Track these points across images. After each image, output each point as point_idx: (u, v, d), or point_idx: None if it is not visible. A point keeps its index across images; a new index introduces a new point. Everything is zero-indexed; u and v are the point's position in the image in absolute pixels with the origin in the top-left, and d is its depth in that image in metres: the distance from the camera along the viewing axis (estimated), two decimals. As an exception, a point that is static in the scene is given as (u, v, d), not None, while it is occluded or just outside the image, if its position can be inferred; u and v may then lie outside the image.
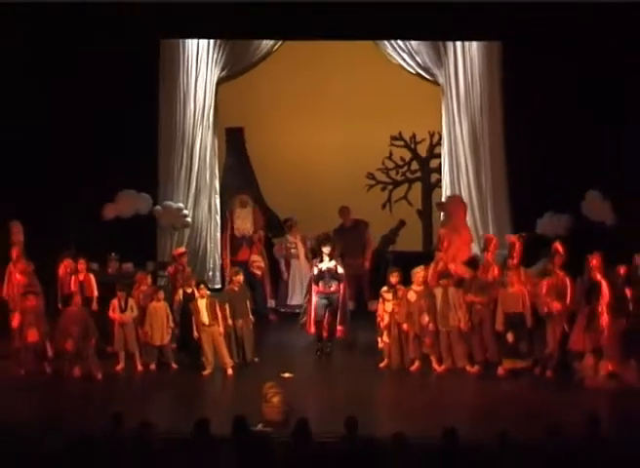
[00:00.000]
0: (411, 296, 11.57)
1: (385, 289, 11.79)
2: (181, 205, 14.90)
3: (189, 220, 14.98)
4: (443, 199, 14.90)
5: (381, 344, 11.74)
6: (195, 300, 11.60)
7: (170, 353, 11.66)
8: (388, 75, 15.29)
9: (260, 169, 16.21)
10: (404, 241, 15.12)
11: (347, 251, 12.75)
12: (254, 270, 13.38)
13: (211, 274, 15.13)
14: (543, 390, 10.74)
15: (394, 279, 11.73)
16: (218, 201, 15.40)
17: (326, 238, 12.12)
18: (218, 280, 14.86)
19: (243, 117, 15.95)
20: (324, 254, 12.00)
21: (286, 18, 13.39)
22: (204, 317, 11.47)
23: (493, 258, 12.04)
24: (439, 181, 15.66)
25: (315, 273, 12.05)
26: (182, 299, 11.77)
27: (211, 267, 15.25)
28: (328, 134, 15.73)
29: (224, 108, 15.46)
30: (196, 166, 15.09)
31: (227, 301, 11.80)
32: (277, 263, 14.26)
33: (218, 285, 14.48)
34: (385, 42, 14.90)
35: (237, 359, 11.65)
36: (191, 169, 15.08)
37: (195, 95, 15.03)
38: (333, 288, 11.97)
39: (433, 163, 15.98)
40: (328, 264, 11.98)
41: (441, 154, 15.49)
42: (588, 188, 13.85)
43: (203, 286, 11.77)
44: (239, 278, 11.97)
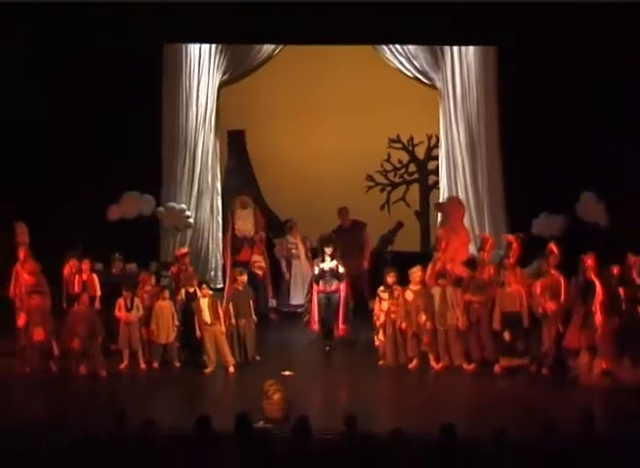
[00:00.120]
0: (408, 296, 11.60)
1: (382, 288, 11.81)
2: (184, 206, 14.97)
3: (192, 221, 15.03)
4: (440, 200, 14.95)
5: (377, 342, 11.78)
6: (197, 300, 11.64)
7: (174, 351, 11.69)
8: (387, 79, 15.33)
9: (261, 171, 16.24)
10: (402, 241, 15.15)
11: (345, 251, 12.72)
12: (255, 270, 13.34)
13: (213, 274, 15.17)
14: (539, 387, 10.79)
15: (391, 279, 11.76)
16: (219, 202, 15.46)
17: (328, 238, 12.20)
18: (219, 280, 14.84)
19: (244, 120, 15.99)
20: (325, 254, 12.07)
21: (286, 23, 13.45)
22: (206, 316, 11.52)
23: (488, 258, 12.10)
24: (436, 183, 15.70)
25: (316, 272, 12.15)
26: (185, 299, 11.79)
27: (213, 267, 15.30)
28: (327, 136, 15.80)
29: (226, 111, 15.52)
30: (198, 168, 15.16)
31: (231, 300, 11.85)
32: (278, 263, 14.24)
33: (219, 284, 14.47)
34: (384, 47, 14.94)
35: (239, 357, 11.68)
36: (194, 171, 15.15)
37: (197, 98, 15.08)
38: (333, 287, 12.09)
39: (431, 165, 16.07)
40: (329, 264, 12.06)
41: (438, 156, 15.56)
42: (583, 190, 13.92)
43: (205, 285, 11.81)
44: (243, 278, 12.03)
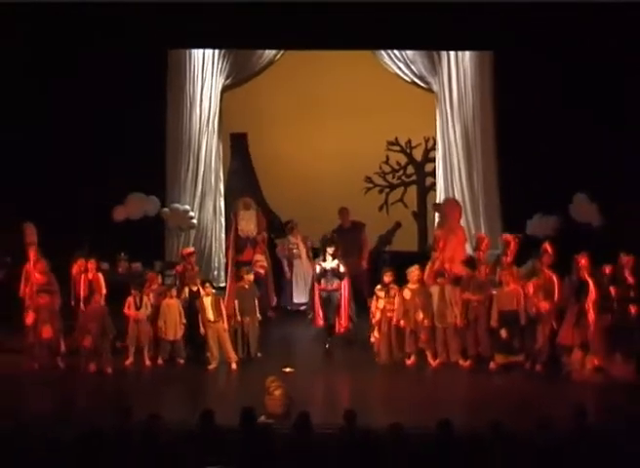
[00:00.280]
0: (406, 294, 11.71)
1: (379, 287, 11.94)
2: (188, 207, 15.11)
3: (195, 222, 15.18)
4: (437, 201, 15.08)
5: (373, 339, 11.92)
6: (201, 298, 11.79)
7: (181, 348, 11.81)
8: (385, 83, 15.41)
9: (263, 172, 16.29)
10: (400, 241, 15.24)
11: (345, 250, 12.78)
12: (257, 269, 13.34)
13: (216, 273, 15.31)
14: (533, 383, 10.96)
15: (388, 278, 11.89)
16: (222, 203, 15.59)
17: (331, 239, 12.38)
18: (222, 278, 14.79)
19: (246, 123, 16.05)
20: (327, 254, 12.22)
21: (287, 28, 13.54)
22: (209, 314, 11.67)
23: (484, 257, 12.23)
24: (434, 184, 15.78)
25: (318, 271, 12.30)
26: (189, 297, 11.95)
27: (216, 266, 15.44)
28: (327, 139, 15.83)
29: (229, 115, 15.64)
30: (202, 170, 15.30)
31: (237, 298, 12.00)
32: (280, 263, 14.37)
33: (222, 283, 14.30)
34: (382, 52, 15.11)
35: (242, 354, 11.85)
36: (197, 172, 15.29)
37: (201, 102, 15.23)
38: (334, 285, 12.25)
39: (428, 167, 16.08)
40: (331, 263, 12.21)
41: (435, 158, 15.65)
42: (576, 191, 14.06)
43: (208, 284, 11.95)
44: (250, 277, 12.21)
